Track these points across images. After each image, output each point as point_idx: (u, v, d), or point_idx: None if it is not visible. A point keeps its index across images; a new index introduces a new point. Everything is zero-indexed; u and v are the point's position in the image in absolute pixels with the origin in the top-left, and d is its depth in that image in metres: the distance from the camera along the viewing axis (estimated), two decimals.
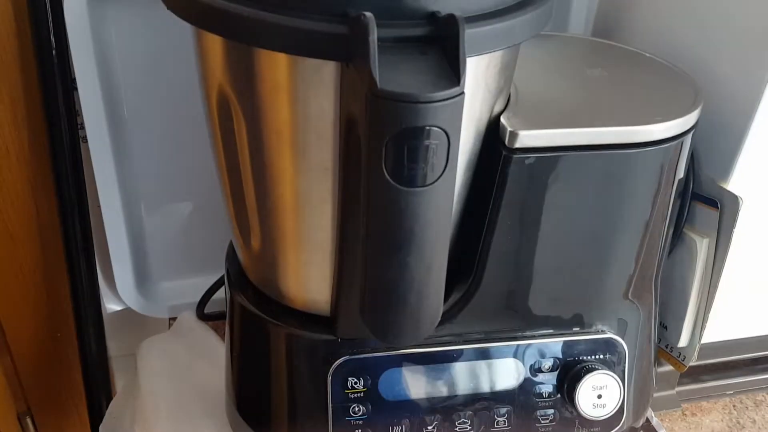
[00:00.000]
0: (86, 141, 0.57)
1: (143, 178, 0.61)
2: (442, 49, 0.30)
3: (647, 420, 0.57)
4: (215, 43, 0.37)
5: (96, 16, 0.52)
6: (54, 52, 0.53)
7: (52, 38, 0.52)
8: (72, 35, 0.52)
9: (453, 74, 0.29)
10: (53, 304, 0.69)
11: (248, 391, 0.49)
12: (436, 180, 0.30)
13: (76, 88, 0.54)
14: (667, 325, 0.56)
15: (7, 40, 0.55)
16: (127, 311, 0.65)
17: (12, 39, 0.54)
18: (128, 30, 0.55)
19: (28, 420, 0.76)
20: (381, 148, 0.29)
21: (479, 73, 0.36)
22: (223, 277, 0.60)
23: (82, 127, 0.57)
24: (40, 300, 0.68)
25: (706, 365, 0.63)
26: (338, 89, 0.34)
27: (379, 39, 0.29)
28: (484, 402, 0.46)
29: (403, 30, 0.30)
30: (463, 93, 0.29)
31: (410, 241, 0.32)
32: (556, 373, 0.47)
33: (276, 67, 0.35)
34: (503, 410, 0.46)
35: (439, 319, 0.35)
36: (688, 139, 0.43)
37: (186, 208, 0.65)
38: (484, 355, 0.46)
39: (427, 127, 0.29)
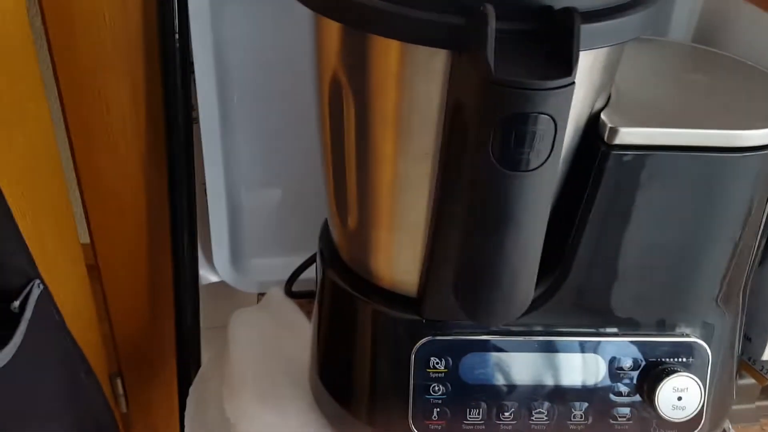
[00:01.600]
0: (197, 122, 0.61)
1: (246, 161, 0.65)
2: (555, 42, 0.31)
3: (724, 431, 0.56)
4: (333, 29, 0.39)
5: (216, 4, 0.56)
6: (176, 36, 0.57)
7: (176, 23, 0.56)
8: (194, 22, 0.56)
9: (566, 64, 0.30)
10: (154, 275, 0.73)
11: (333, 363, 0.51)
12: (540, 166, 0.32)
13: (193, 72, 0.58)
14: (751, 337, 0.55)
15: (135, 24, 0.59)
16: (220, 284, 0.69)
17: (139, 23, 0.59)
18: (244, 20, 0.59)
19: (118, 381, 0.82)
20: (489, 132, 0.31)
21: (584, 68, 0.37)
22: (311, 257, 0.63)
23: (195, 109, 0.61)
24: (142, 270, 0.73)
25: None
26: (446, 77, 0.36)
27: (496, 30, 0.30)
28: (562, 395, 0.47)
29: (520, 23, 0.32)
30: (573, 83, 0.30)
31: (509, 223, 0.33)
32: (637, 372, 0.47)
33: (389, 54, 0.37)
34: (580, 405, 0.47)
35: (530, 302, 0.37)
36: None
37: (281, 193, 0.68)
38: (566, 348, 0.47)
39: (536, 114, 0.30)
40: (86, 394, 0.57)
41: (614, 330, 0.47)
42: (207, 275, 0.69)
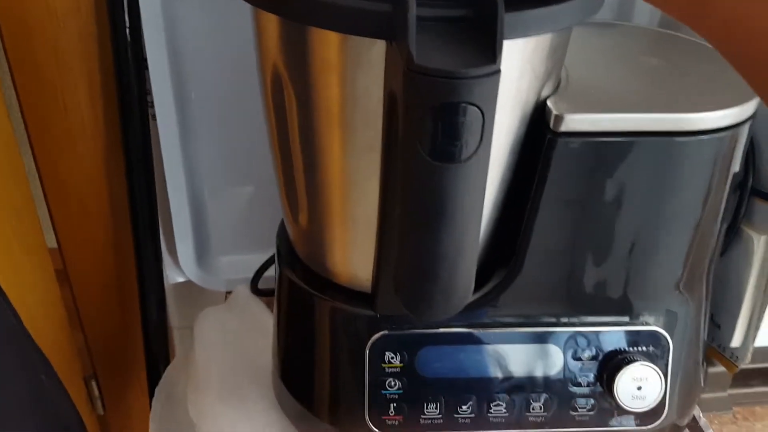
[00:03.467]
0: (155, 119, 0.60)
1: (207, 158, 0.64)
2: (481, 29, 0.31)
3: (695, 420, 0.55)
4: (270, 22, 0.38)
5: None
6: (127, 30, 0.56)
7: (126, 17, 0.55)
8: (145, 15, 0.55)
9: (490, 53, 0.29)
10: (120, 275, 0.73)
11: (292, 361, 0.51)
12: (470, 157, 0.31)
13: (147, 68, 0.57)
14: (720, 324, 0.54)
15: (86, 19, 0.58)
16: (187, 284, 0.68)
17: (90, 18, 0.58)
18: (197, 14, 0.58)
19: (93, 383, 0.81)
20: (417, 123, 0.30)
21: (525, 56, 0.36)
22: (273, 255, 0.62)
23: (152, 106, 0.60)
24: (109, 270, 0.73)
25: (760, 369, 0.61)
26: (384, 69, 0.35)
27: (419, 18, 0.29)
28: (520, 387, 0.46)
29: (444, 10, 0.31)
30: (499, 71, 0.29)
31: (443, 217, 0.32)
32: (596, 362, 0.46)
33: (327, 45, 0.36)
34: (540, 396, 0.46)
35: (470, 296, 0.36)
36: (744, 131, 0.42)
37: (246, 189, 0.67)
38: (523, 339, 0.46)
39: (462, 104, 0.29)
40: (50, 398, 0.56)
41: (572, 320, 0.46)
42: (174, 275, 0.68)
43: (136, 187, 0.63)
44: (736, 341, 0.53)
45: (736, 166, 0.44)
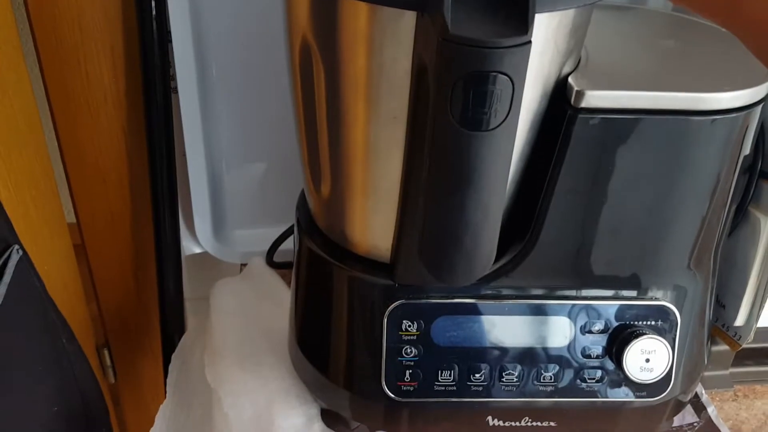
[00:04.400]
0: (177, 92, 0.61)
1: (226, 132, 0.65)
2: (513, 2, 0.32)
3: (696, 396, 0.57)
4: None
5: None
6: (153, 3, 0.57)
7: None
8: None
9: (522, 24, 0.31)
10: (137, 245, 0.74)
11: (310, 328, 0.52)
12: (499, 125, 0.32)
13: (171, 41, 0.58)
14: (725, 304, 0.56)
15: None
16: (204, 255, 0.69)
17: None
18: None
19: (106, 352, 0.83)
20: (448, 91, 0.31)
21: (550, 31, 0.38)
22: (290, 228, 0.63)
23: (174, 79, 0.61)
24: (126, 241, 0.74)
25: (762, 348, 0.63)
26: (412, 41, 0.36)
27: None
28: (532, 357, 0.48)
29: None
30: (530, 42, 0.30)
31: (469, 184, 0.34)
32: (606, 335, 0.48)
33: (357, 16, 0.37)
34: (551, 366, 0.48)
35: (492, 263, 0.37)
36: (756, 113, 0.43)
37: (263, 164, 0.69)
38: (536, 311, 0.47)
39: (493, 73, 0.31)
40: (69, 361, 0.58)
41: (584, 293, 0.48)
42: (190, 246, 0.70)
43: (156, 159, 0.64)
44: (739, 320, 0.55)
45: (747, 149, 0.45)
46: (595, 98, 0.40)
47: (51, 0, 0.59)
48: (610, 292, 0.48)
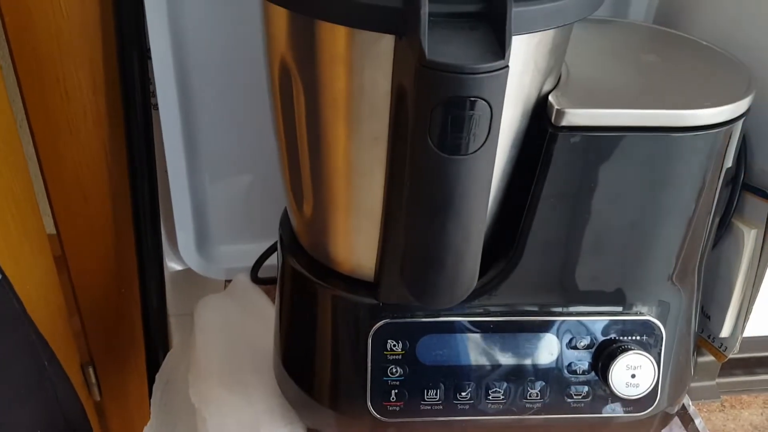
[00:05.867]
0: (157, 109, 0.60)
1: (208, 147, 0.65)
2: (490, 25, 0.32)
3: (684, 408, 0.57)
4: (280, 15, 0.39)
5: None
6: (132, 21, 0.56)
7: (130, 8, 0.56)
8: (148, 4, 0.55)
9: (499, 48, 0.30)
10: (120, 262, 0.73)
11: (294, 348, 0.52)
12: (478, 149, 0.32)
13: (150, 58, 0.57)
14: (710, 315, 0.56)
15: (89, 8, 0.58)
16: (187, 271, 0.69)
17: (94, 6, 0.58)
18: (200, 3, 0.58)
19: (90, 370, 0.82)
20: (427, 116, 0.31)
21: (529, 51, 0.37)
22: (274, 244, 0.63)
23: (155, 95, 0.61)
24: (108, 258, 0.73)
25: (748, 359, 0.63)
26: (392, 63, 0.36)
27: (430, 14, 0.30)
28: (518, 374, 0.47)
29: (454, 6, 0.32)
30: (507, 67, 0.30)
31: (449, 207, 0.33)
32: (591, 351, 0.48)
33: (335, 39, 0.37)
34: (537, 384, 0.48)
35: (475, 284, 0.37)
36: (737, 127, 0.44)
37: (246, 179, 0.68)
38: (521, 328, 0.47)
39: (472, 98, 0.30)
40: (51, 382, 0.57)
41: (569, 309, 0.47)
42: (173, 263, 0.69)
43: (137, 176, 0.63)
44: (725, 331, 0.55)
45: (729, 162, 0.45)
46: (576, 116, 0.40)
47: (29, 18, 0.59)
48: (595, 308, 0.48)
